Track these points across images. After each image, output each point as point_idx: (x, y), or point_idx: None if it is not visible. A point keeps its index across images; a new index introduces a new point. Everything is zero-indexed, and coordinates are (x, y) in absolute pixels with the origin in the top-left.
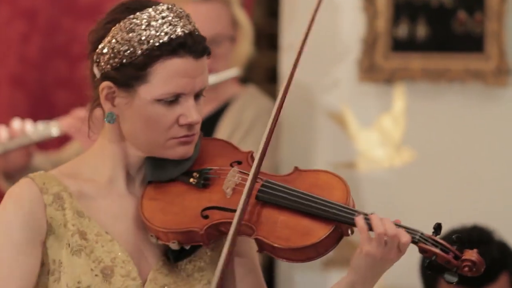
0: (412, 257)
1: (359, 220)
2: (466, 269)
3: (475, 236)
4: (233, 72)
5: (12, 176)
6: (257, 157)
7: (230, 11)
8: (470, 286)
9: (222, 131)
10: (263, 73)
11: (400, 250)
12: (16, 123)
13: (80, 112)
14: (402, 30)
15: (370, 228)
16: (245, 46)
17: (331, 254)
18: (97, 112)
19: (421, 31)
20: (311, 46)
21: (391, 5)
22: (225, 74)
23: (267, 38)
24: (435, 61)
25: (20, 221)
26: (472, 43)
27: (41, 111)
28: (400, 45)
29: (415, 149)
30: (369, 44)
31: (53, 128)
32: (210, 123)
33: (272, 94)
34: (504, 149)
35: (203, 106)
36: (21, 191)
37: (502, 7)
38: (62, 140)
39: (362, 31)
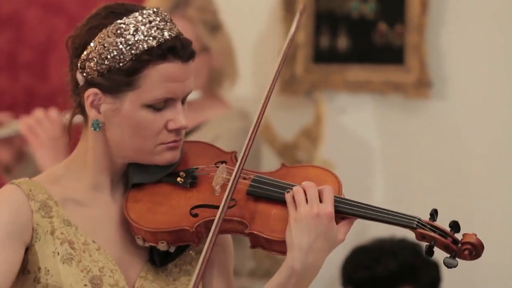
0: None
1: (286, 195)
2: (466, 252)
3: (388, 246)
4: (192, 95)
5: (10, 169)
6: (241, 152)
7: (194, 31)
8: None
9: None
10: None
11: (322, 200)
12: None
13: (39, 113)
14: (323, 42)
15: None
16: (225, 69)
17: (253, 265)
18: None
19: (342, 42)
20: None
21: (311, 17)
22: None
23: None
24: (355, 72)
25: (4, 219)
26: (393, 55)
27: None
28: (321, 57)
29: (336, 162)
30: (290, 55)
31: (15, 126)
32: None
33: None
34: (424, 160)
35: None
36: (7, 196)
37: (422, 19)
38: None
39: (282, 43)
